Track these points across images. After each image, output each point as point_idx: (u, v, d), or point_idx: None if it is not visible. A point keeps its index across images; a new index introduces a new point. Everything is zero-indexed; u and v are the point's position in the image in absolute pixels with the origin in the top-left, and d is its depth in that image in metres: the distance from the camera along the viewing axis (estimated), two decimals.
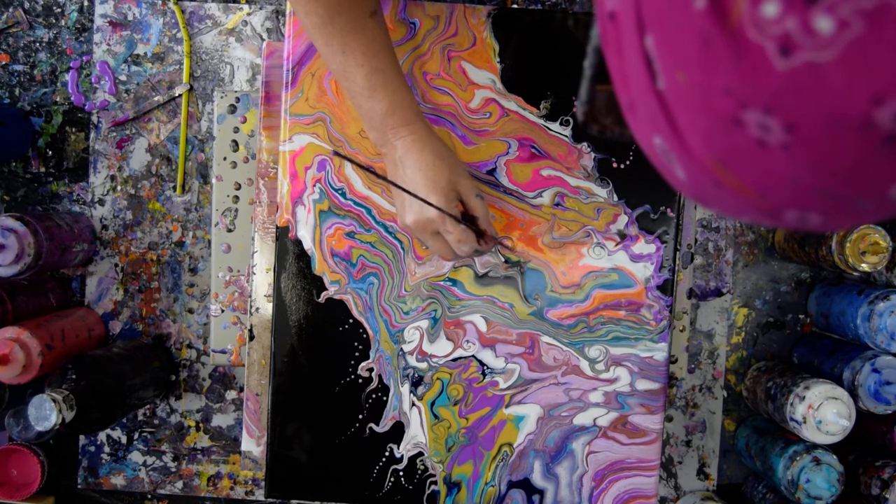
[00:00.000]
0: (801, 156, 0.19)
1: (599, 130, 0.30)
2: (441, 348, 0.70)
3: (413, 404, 0.71)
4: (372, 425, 0.71)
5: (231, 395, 0.86)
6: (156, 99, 0.84)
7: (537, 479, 0.71)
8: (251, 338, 0.74)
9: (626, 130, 0.27)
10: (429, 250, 0.69)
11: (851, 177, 0.19)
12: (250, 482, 0.87)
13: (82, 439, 0.87)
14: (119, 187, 0.85)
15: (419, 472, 0.71)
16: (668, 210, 0.70)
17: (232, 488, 0.87)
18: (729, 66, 0.19)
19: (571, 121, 0.70)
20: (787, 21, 0.17)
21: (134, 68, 0.84)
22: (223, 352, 0.82)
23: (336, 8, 0.57)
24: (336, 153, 0.59)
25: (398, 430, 0.71)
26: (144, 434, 0.86)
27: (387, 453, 0.71)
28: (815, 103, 0.18)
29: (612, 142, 0.68)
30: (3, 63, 0.85)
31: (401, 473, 0.71)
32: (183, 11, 0.84)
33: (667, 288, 0.70)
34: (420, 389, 0.71)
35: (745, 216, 0.24)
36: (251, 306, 0.74)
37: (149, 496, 0.87)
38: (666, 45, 0.21)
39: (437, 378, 0.71)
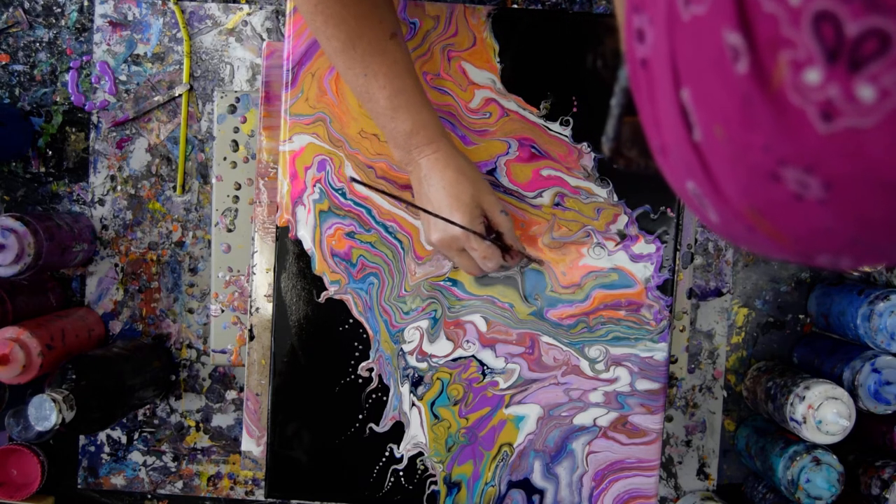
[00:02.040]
0: (838, 210, 0.20)
1: (626, 164, 0.30)
2: (441, 348, 0.70)
3: (413, 404, 0.71)
4: (372, 425, 0.71)
5: (231, 395, 0.86)
6: (156, 99, 0.84)
7: (537, 479, 0.71)
8: (251, 338, 0.74)
9: (652, 163, 0.28)
10: (456, 267, 0.69)
11: (887, 228, 0.20)
12: (250, 482, 0.87)
13: (82, 439, 0.87)
14: (119, 187, 0.85)
15: (419, 472, 0.71)
16: (668, 210, 0.70)
17: (232, 488, 0.87)
18: (769, 125, 0.19)
19: (571, 121, 0.70)
20: (830, 88, 0.18)
21: (134, 68, 0.84)
22: (223, 352, 0.82)
23: (357, 32, 0.58)
24: (353, 180, 0.60)
25: (398, 430, 0.71)
26: (144, 434, 0.86)
27: (387, 453, 0.71)
28: (855, 165, 0.19)
29: (637, 173, 0.69)
30: (3, 63, 0.85)
31: (401, 473, 0.71)
32: (183, 11, 0.84)
33: (667, 288, 0.70)
34: (420, 389, 0.71)
35: (776, 256, 0.24)
36: (251, 306, 0.74)
37: (149, 496, 0.87)
38: (703, 101, 0.21)
39: (437, 378, 0.71)
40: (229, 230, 0.82)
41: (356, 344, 0.70)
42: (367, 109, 0.63)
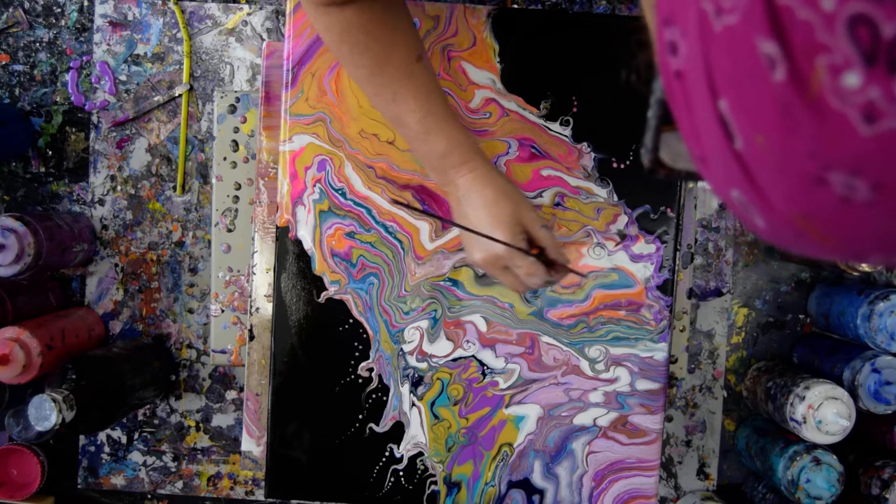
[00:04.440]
0: (887, 210, 0.20)
1: (667, 175, 0.30)
2: (441, 348, 0.70)
3: (413, 404, 0.71)
4: (372, 425, 0.71)
5: (231, 395, 0.86)
6: (156, 99, 0.84)
7: (537, 479, 0.71)
8: (251, 338, 0.74)
9: (693, 172, 0.28)
10: (501, 285, 0.69)
11: None
12: (250, 482, 0.87)
13: (82, 439, 0.87)
14: (119, 187, 0.85)
15: (419, 472, 0.71)
16: (668, 210, 0.70)
17: (232, 488, 0.87)
18: (811, 131, 0.19)
19: (571, 121, 0.70)
20: (870, 90, 0.18)
21: (134, 68, 0.84)
22: (223, 352, 0.82)
23: (383, 58, 0.58)
24: (396, 202, 0.60)
25: (398, 430, 0.71)
26: (144, 434, 0.86)
27: (387, 453, 0.71)
28: None
29: (678, 180, 0.68)
30: (3, 63, 0.85)
31: (401, 473, 0.71)
32: (183, 11, 0.84)
33: (667, 288, 0.70)
34: (420, 389, 0.71)
35: (828, 258, 0.25)
36: (251, 306, 0.74)
37: (149, 496, 0.87)
38: (742, 110, 0.21)
39: (437, 378, 0.71)
40: (229, 230, 0.82)
41: (356, 344, 0.70)
42: (400, 135, 0.63)
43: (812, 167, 0.20)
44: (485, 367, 0.71)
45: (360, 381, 0.71)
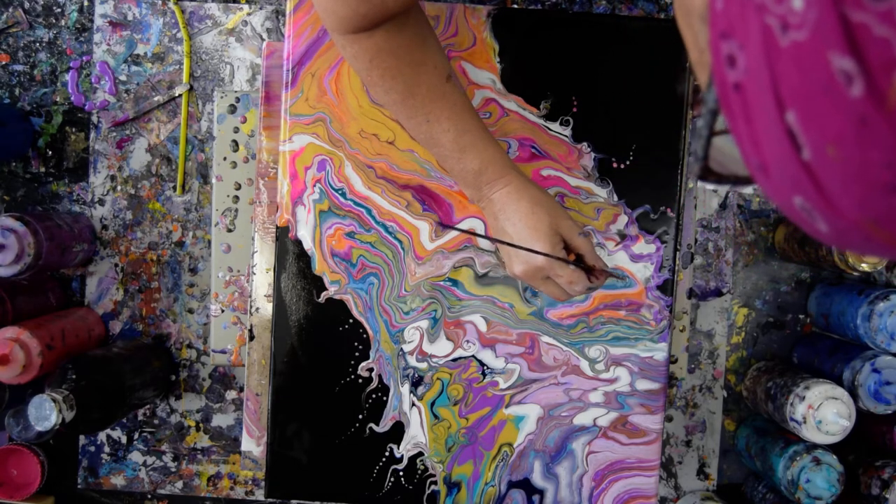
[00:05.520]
0: None
1: (717, 180, 0.30)
2: (441, 348, 0.70)
3: (413, 404, 0.71)
4: (372, 425, 0.71)
5: (231, 395, 0.86)
6: (156, 99, 0.84)
7: (537, 479, 0.71)
8: (251, 338, 0.74)
9: (744, 179, 0.28)
10: (544, 294, 0.69)
11: None
12: (250, 482, 0.87)
13: (82, 439, 0.87)
14: (119, 187, 0.85)
15: (419, 472, 0.71)
16: (668, 210, 0.70)
17: (232, 488, 0.87)
18: (888, 142, 0.20)
19: (571, 121, 0.70)
20: None
21: (134, 68, 0.84)
22: (223, 352, 0.82)
23: (414, 80, 0.58)
24: (443, 225, 0.59)
25: (398, 430, 0.71)
26: (144, 434, 0.86)
27: (387, 453, 0.71)
28: None
29: (727, 186, 0.68)
30: (3, 63, 0.85)
31: (401, 473, 0.71)
32: (183, 11, 0.84)
33: (667, 288, 0.70)
34: (420, 389, 0.71)
35: (891, 256, 0.25)
36: (251, 306, 0.74)
37: (149, 496, 0.87)
38: (813, 123, 0.21)
39: (437, 378, 0.71)
40: (229, 230, 0.82)
41: (356, 344, 0.70)
42: (433, 154, 0.63)
43: (888, 177, 0.20)
44: (485, 367, 0.71)
45: (360, 381, 0.71)
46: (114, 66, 0.84)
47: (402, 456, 0.71)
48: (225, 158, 0.82)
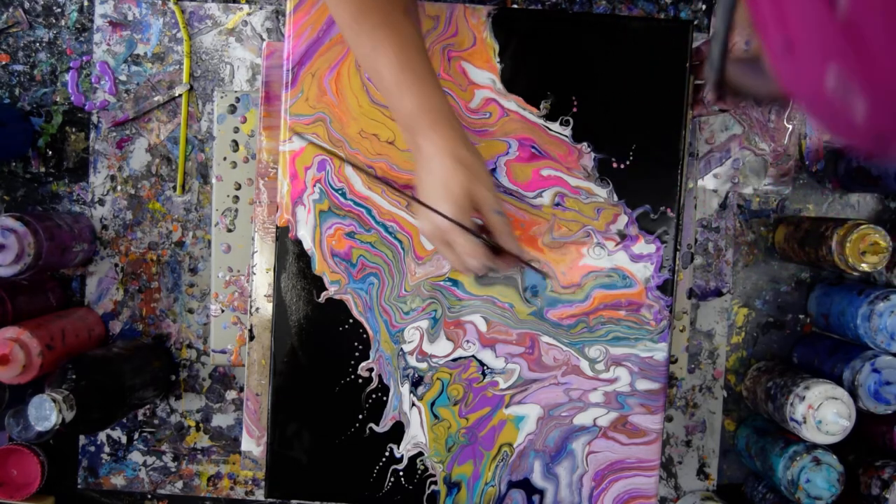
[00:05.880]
0: None
1: (733, 94, 0.29)
2: (441, 348, 0.70)
3: (413, 404, 0.71)
4: (372, 425, 0.71)
5: (231, 395, 0.86)
6: (156, 99, 0.84)
7: (537, 479, 0.71)
8: (251, 338, 0.74)
9: (763, 85, 0.26)
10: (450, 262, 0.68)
11: None
12: (250, 482, 0.87)
13: (82, 439, 0.87)
14: (119, 187, 0.85)
15: (419, 472, 0.71)
16: (668, 210, 0.70)
17: (232, 488, 0.87)
18: None
19: (571, 121, 0.70)
20: None
21: (134, 68, 0.84)
22: (223, 352, 0.82)
23: (368, 3, 0.56)
24: (298, 134, 0.56)
25: (398, 430, 0.71)
26: (144, 434, 0.86)
27: (387, 453, 0.71)
28: None
29: (746, 100, 0.65)
30: (3, 63, 0.85)
31: (401, 473, 0.71)
32: (183, 11, 0.84)
33: (667, 288, 0.70)
34: (420, 389, 0.71)
35: None
36: (251, 306, 0.74)
37: (149, 496, 0.87)
38: None
39: (437, 378, 0.71)
40: (229, 230, 0.82)
41: (356, 344, 0.70)
42: (377, 89, 0.60)
43: None
44: (485, 367, 0.71)
45: (360, 381, 0.71)
46: (114, 66, 0.84)
47: (402, 456, 0.71)
48: (225, 158, 0.82)
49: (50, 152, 0.85)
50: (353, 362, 0.71)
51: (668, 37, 0.70)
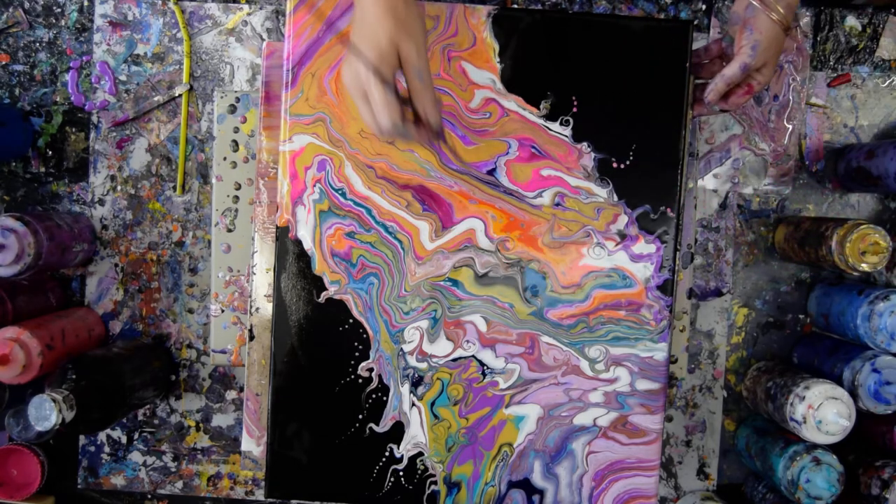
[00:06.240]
0: None
1: None
2: (441, 348, 0.70)
3: (413, 404, 0.71)
4: (372, 425, 0.71)
5: (231, 395, 0.86)
6: (156, 99, 0.84)
7: (537, 479, 0.71)
8: (251, 338, 0.74)
9: None
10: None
11: None
12: (250, 482, 0.87)
13: (82, 439, 0.87)
14: (119, 187, 0.85)
15: (419, 472, 0.71)
16: (668, 210, 0.70)
17: (232, 488, 0.87)
18: None
19: (571, 121, 0.70)
20: None
21: (134, 68, 0.84)
22: (223, 352, 0.82)
23: None
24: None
25: (398, 430, 0.71)
26: (144, 434, 0.86)
27: (387, 453, 0.71)
28: None
29: None
30: (3, 63, 0.85)
31: (401, 473, 0.71)
32: (183, 11, 0.84)
33: (667, 288, 0.70)
34: (420, 389, 0.71)
35: None
36: (251, 306, 0.74)
37: (149, 496, 0.87)
38: None
39: (437, 378, 0.71)
40: (229, 230, 0.82)
41: (356, 344, 0.70)
42: None
43: None
44: (485, 367, 0.71)
45: (360, 381, 0.71)
46: (114, 66, 0.84)
47: (402, 456, 0.71)
48: (225, 158, 0.82)
49: (50, 152, 0.85)
50: (353, 362, 0.71)
51: (668, 37, 0.70)
